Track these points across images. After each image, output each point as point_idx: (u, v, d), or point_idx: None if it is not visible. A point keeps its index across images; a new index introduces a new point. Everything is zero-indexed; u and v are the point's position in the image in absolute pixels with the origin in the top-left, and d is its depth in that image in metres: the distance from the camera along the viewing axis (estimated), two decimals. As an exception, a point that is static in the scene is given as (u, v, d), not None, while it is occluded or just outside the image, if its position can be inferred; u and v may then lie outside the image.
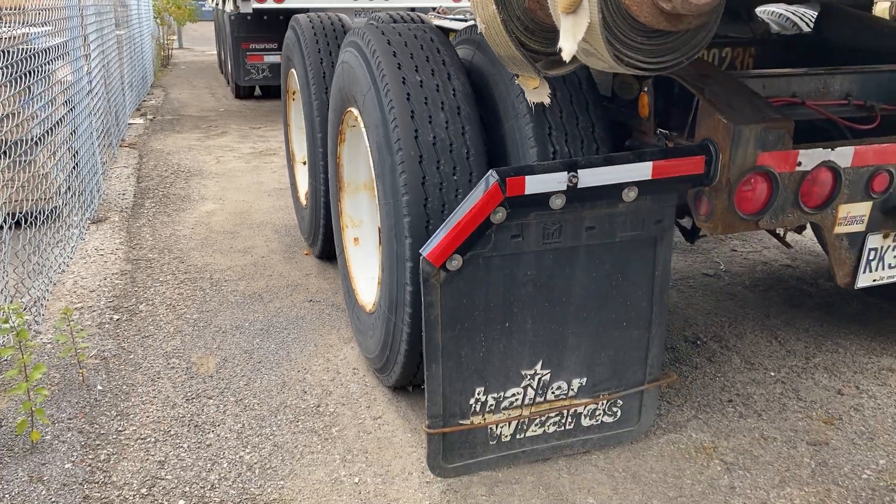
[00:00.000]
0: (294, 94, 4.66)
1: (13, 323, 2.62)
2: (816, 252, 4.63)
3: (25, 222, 3.87)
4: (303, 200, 4.60)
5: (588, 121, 2.63)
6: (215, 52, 16.58)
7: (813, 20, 4.08)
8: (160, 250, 4.74)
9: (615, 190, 2.30)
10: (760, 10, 5.16)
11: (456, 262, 2.24)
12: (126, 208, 5.66)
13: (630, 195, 2.32)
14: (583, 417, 2.60)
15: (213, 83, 14.18)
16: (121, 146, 7.95)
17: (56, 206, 4.54)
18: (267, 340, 3.50)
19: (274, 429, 2.81)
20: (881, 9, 2.32)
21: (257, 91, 12.09)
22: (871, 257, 2.67)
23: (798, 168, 2.40)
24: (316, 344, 3.47)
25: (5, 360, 3.10)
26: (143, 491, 2.45)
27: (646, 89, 2.67)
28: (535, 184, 2.20)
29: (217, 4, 13.72)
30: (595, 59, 1.70)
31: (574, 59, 1.67)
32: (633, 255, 2.44)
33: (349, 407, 2.96)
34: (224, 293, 4.06)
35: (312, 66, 3.91)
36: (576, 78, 2.71)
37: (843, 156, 2.44)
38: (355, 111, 2.91)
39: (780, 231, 3.64)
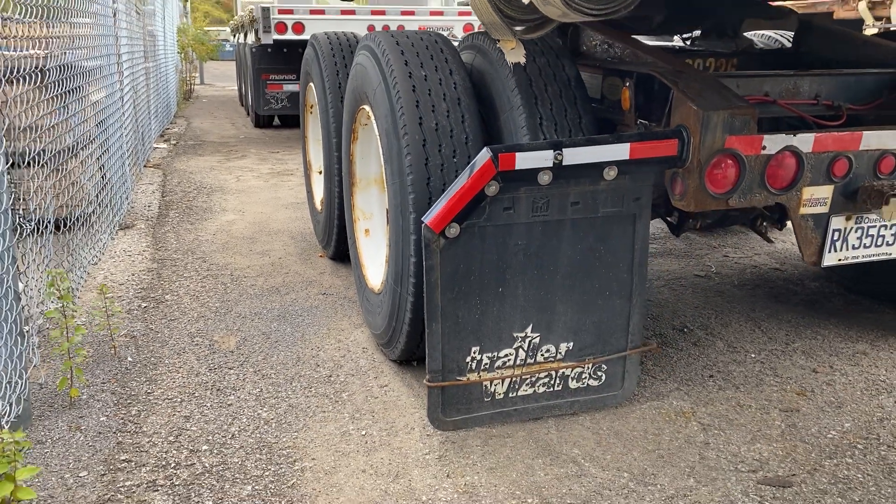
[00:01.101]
0: (312, 107, 5.00)
1: (59, 286, 2.91)
2: (805, 258, 4.87)
3: (62, 226, 4.19)
4: (318, 206, 4.91)
5: (576, 113, 2.93)
6: (236, 88, 17.18)
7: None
8: (184, 252, 5.06)
9: (597, 168, 2.59)
10: (752, 34, 5.50)
11: (454, 230, 2.52)
12: (151, 217, 6.01)
13: (610, 174, 2.60)
14: (570, 380, 2.84)
15: (233, 114, 14.69)
16: (146, 166, 8.35)
17: (87, 213, 4.88)
18: (283, 324, 3.78)
19: (289, 393, 3.07)
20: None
21: (276, 121, 12.55)
22: (835, 238, 2.92)
23: (763, 151, 2.68)
24: (328, 328, 3.74)
25: (47, 328, 3.39)
26: (171, 439, 2.71)
27: (627, 85, 2.98)
28: (524, 160, 2.49)
29: (240, 38, 14.31)
30: (551, 8, 2.00)
31: (544, 22, 1.96)
32: (614, 229, 2.71)
33: (358, 377, 3.21)
34: (244, 286, 4.35)
35: (329, 78, 4.26)
36: (565, 76, 3.01)
37: (805, 141, 2.72)
38: (367, 108, 3.23)
39: (762, 228, 3.90)
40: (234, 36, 16.27)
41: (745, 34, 4.66)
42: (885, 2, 6.34)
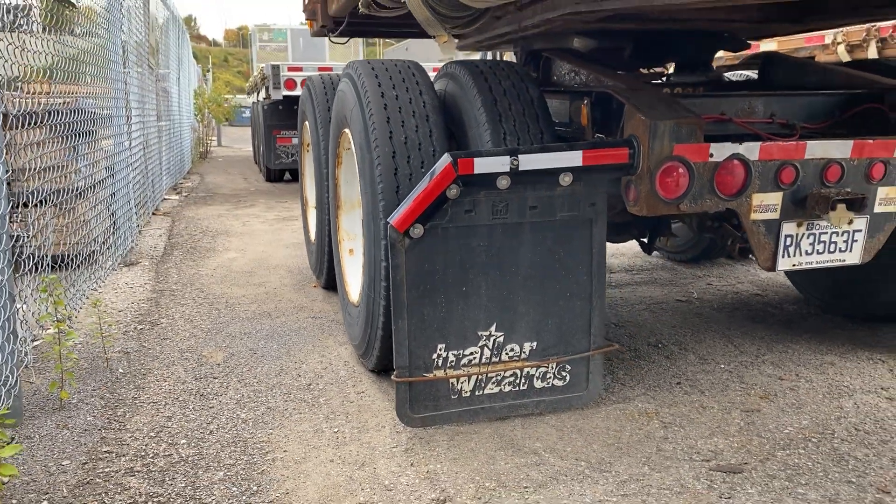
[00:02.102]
0: (308, 145, 5.26)
1: (51, 291, 3.10)
2: (787, 285, 4.97)
3: (65, 262, 4.39)
4: (312, 238, 5.11)
5: (537, 129, 3.13)
6: (251, 148, 17.74)
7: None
8: (183, 284, 5.25)
9: (552, 174, 2.77)
10: (731, 74, 5.74)
11: (418, 231, 2.69)
12: (156, 256, 6.24)
13: (566, 180, 2.78)
14: (535, 379, 2.96)
15: (246, 171, 15.14)
16: (156, 214, 8.66)
17: (93, 251, 5.12)
18: (271, 342, 3.93)
19: (269, 398, 3.20)
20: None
21: (287, 176, 12.93)
22: (787, 243, 3.06)
23: (711, 159, 2.85)
24: (314, 345, 3.89)
25: (40, 340, 3.56)
26: (152, 434, 2.85)
27: (585, 103, 3.18)
28: (482, 164, 2.68)
29: (254, 98, 14.89)
30: None
31: (476, 18, 2.19)
32: (572, 232, 2.87)
33: (336, 385, 3.34)
34: (237, 311, 4.52)
35: (321, 113, 4.51)
36: (528, 96, 3.23)
37: (751, 150, 2.89)
38: (347, 130, 3.45)
39: (731, 246, 4.03)
40: (249, 97, 16.92)
41: (717, 69, 4.90)
42: (862, 45, 6.60)
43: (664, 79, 4.62)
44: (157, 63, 9.40)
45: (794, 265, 3.10)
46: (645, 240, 4.15)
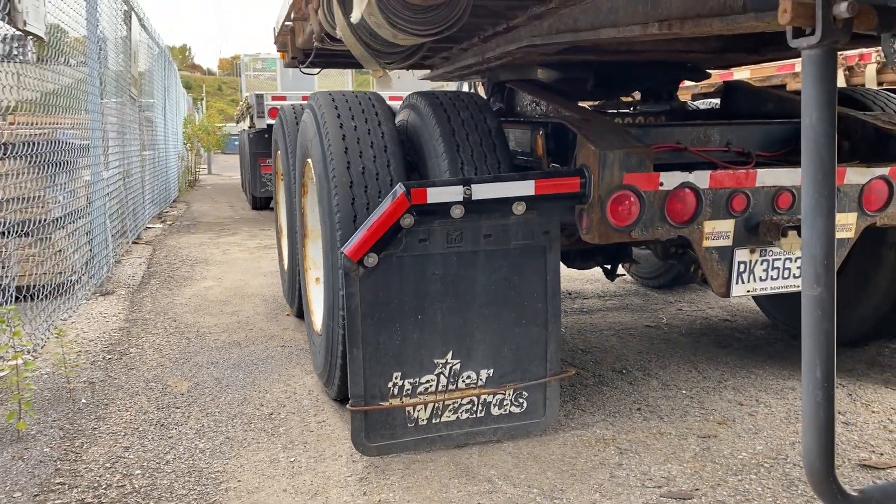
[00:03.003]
0: (280, 174, 5.31)
1: (10, 322, 3.11)
2: (756, 310, 5.01)
3: (31, 293, 4.39)
4: (285, 266, 5.14)
5: (495, 159, 3.18)
6: (240, 175, 17.81)
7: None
8: (157, 313, 5.26)
9: (506, 203, 2.81)
10: (702, 103, 5.84)
11: (372, 260, 2.73)
12: (133, 285, 6.24)
13: (519, 209, 2.83)
14: (492, 406, 2.97)
15: (234, 199, 15.17)
16: (137, 243, 8.67)
17: (67, 281, 5.14)
18: (237, 371, 3.93)
19: (229, 427, 3.20)
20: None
21: (272, 203, 12.95)
22: (741, 269, 3.10)
23: (661, 188, 2.90)
24: (280, 374, 3.90)
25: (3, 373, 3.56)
26: (107, 465, 2.84)
27: (540, 133, 3.24)
28: (436, 194, 2.72)
29: (242, 126, 14.99)
30: (384, 30, 2.30)
31: (412, 53, 2.25)
32: (526, 260, 2.90)
33: (298, 414, 3.35)
34: (206, 341, 4.53)
35: (290, 144, 4.56)
36: (486, 127, 3.29)
37: (701, 178, 2.94)
38: (310, 161, 3.50)
39: (694, 272, 4.08)
40: (238, 125, 17.03)
41: (681, 99, 4.99)
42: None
43: (632, 108, 4.71)
44: (139, 93, 9.48)
45: (748, 291, 3.14)
46: (608, 266, 4.20)
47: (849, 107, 3.73)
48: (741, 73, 7.45)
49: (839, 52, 6.60)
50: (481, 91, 5.56)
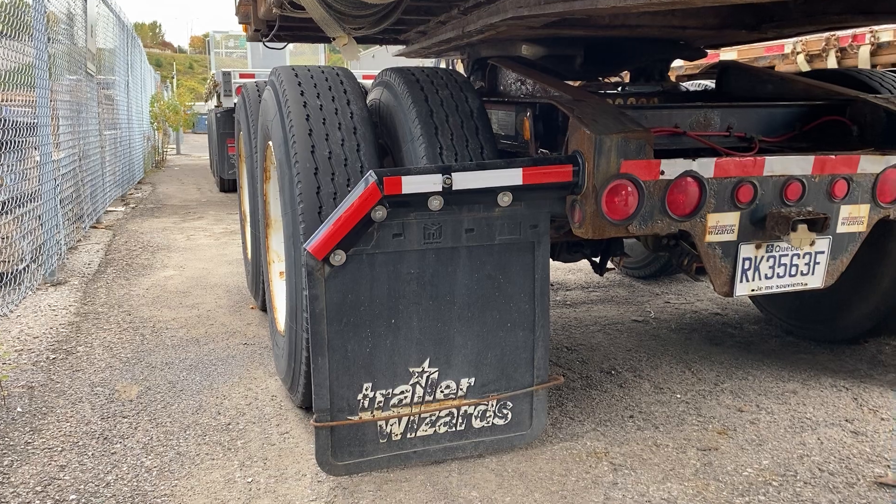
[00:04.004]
0: (244, 157, 4.94)
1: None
2: (747, 303, 4.78)
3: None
4: (249, 255, 4.79)
5: (477, 143, 2.87)
6: (209, 156, 17.27)
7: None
8: (111, 306, 4.89)
9: (490, 194, 2.50)
10: (689, 84, 5.56)
11: (339, 257, 2.41)
12: (88, 274, 5.84)
13: (505, 200, 2.52)
14: (474, 418, 2.68)
15: (201, 181, 14.67)
16: (97, 227, 8.23)
17: (12, 270, 4.75)
18: (193, 374, 3.60)
19: (180, 441, 2.88)
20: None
21: (240, 185, 12.51)
22: (745, 267, 2.83)
23: (662, 177, 2.61)
24: (240, 377, 3.57)
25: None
26: (38, 489, 2.51)
27: (528, 115, 2.93)
28: (411, 184, 2.40)
29: (209, 105, 14.47)
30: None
31: (383, 17, 1.93)
32: (512, 257, 2.61)
33: (259, 425, 3.03)
34: (162, 338, 4.18)
35: (253, 124, 4.21)
36: (468, 108, 2.97)
37: (705, 166, 2.66)
38: (271, 144, 3.15)
39: (688, 265, 3.82)
40: (206, 104, 16.47)
41: (674, 80, 4.71)
42: (821, 55, 6.48)
43: (619, 88, 4.41)
44: (98, 69, 8.98)
45: (752, 290, 2.88)
46: (597, 259, 3.92)
47: (855, 90, 3.47)
48: (727, 55, 7.19)
49: (830, 33, 6.33)
50: (461, 68, 5.23)
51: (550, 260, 3.70)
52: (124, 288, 5.41)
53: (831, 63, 6.28)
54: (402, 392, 2.58)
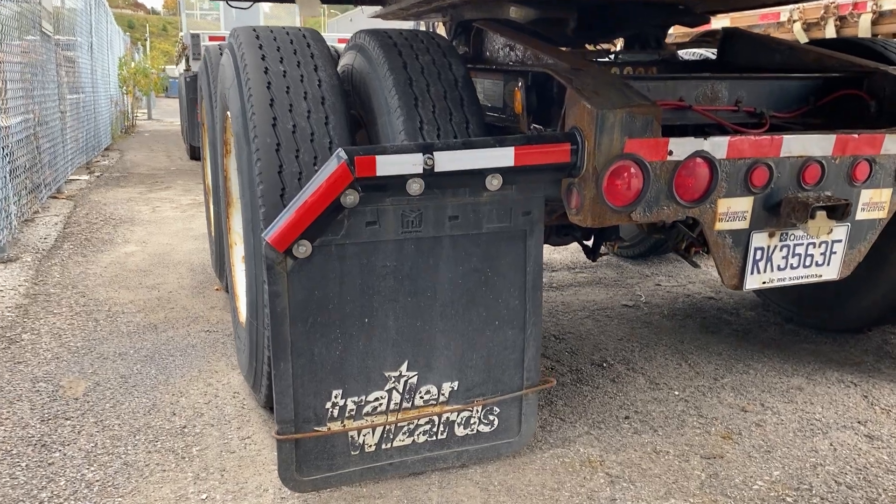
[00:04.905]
0: (206, 127, 4.57)
1: None
2: (741, 286, 4.54)
3: None
4: (212, 233, 4.45)
5: (462, 117, 2.56)
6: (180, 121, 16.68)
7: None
8: (64, 286, 4.53)
9: (477, 177, 2.20)
10: (685, 53, 5.25)
11: (304, 249, 2.10)
12: (43, 250, 5.46)
13: (494, 183, 2.22)
14: (456, 426, 2.41)
15: (172, 148, 14.15)
16: (57, 198, 7.80)
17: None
18: (148, 366, 3.28)
19: (129, 448, 2.57)
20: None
21: (211, 153, 12.05)
22: (757, 257, 2.57)
23: (670, 157, 2.32)
24: (200, 370, 3.26)
25: None
26: (-39, 510, 2.20)
27: (519, 84, 2.62)
28: (387, 165, 2.09)
29: (179, 69, 13.90)
30: None
31: None
32: (501, 248, 2.31)
33: (218, 428, 2.74)
34: (118, 324, 3.85)
35: (214, 91, 3.83)
36: (451, 76, 2.65)
37: (717, 146, 2.37)
38: (229, 114, 2.81)
39: (688, 251, 3.56)
40: (177, 68, 15.86)
41: (672, 48, 4.40)
42: (819, 23, 6.19)
43: (611, 57, 4.09)
44: (56, 30, 8.45)
45: (764, 283, 2.62)
46: (589, 244, 3.64)
47: (871, 60, 3.19)
48: (720, 22, 6.88)
49: (828, 1, 6.03)
50: (443, 32, 4.88)
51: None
52: (81, 266, 5.05)
53: (829, 32, 6.00)
54: (376, 399, 2.29)
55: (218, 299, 4.29)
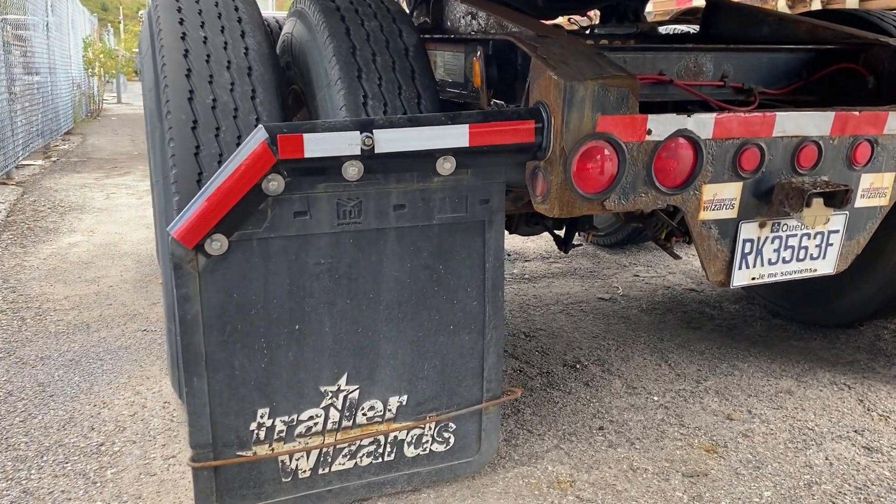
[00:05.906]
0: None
1: None
2: (724, 276, 4.28)
3: None
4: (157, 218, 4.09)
5: (413, 91, 2.24)
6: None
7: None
8: (-6, 281, 4.16)
9: (426, 159, 1.89)
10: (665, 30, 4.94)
11: (218, 245, 1.78)
12: (-22, 241, 5.07)
13: (446, 167, 1.91)
14: (406, 446, 2.11)
15: (137, 132, 13.63)
16: (5, 184, 7.37)
17: None
18: (71, 372, 2.95)
19: (32, 472, 2.24)
20: None
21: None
22: (746, 250, 2.29)
23: (648, 137, 2.02)
24: (130, 376, 2.93)
25: None
26: None
27: (478, 55, 2.30)
28: (317, 144, 1.77)
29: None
30: None
31: None
32: (456, 241, 2.00)
33: (140, 445, 2.41)
34: (46, 323, 3.50)
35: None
36: (401, 44, 2.33)
37: (703, 124, 2.08)
38: (142, 86, 2.47)
39: (666, 239, 3.28)
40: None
41: (649, 21, 4.11)
42: (805, 1, 5.92)
43: (587, 31, 3.78)
44: (3, 8, 7.96)
45: (753, 279, 2.34)
46: (561, 234, 3.34)
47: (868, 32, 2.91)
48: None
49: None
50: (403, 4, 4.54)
51: (506, 232, 3.12)
52: (17, 258, 4.67)
53: (815, 7, 5.73)
54: (310, 418, 1.98)
55: (161, 294, 3.94)
